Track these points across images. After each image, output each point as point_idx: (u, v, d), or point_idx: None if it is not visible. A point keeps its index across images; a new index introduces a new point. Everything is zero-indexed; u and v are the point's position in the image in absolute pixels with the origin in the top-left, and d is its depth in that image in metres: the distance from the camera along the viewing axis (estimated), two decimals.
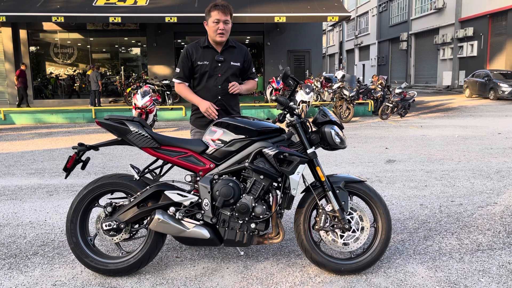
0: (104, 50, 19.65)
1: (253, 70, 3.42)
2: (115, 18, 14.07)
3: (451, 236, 3.42)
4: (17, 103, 16.33)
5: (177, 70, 3.25)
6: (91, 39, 18.84)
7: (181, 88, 3.24)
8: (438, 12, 29.62)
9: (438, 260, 2.98)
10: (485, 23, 24.65)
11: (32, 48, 18.56)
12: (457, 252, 3.11)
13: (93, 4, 14.82)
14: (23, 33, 17.88)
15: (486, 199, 4.37)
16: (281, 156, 2.62)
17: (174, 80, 3.32)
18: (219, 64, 3.18)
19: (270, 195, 2.74)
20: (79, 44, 18.90)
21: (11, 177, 5.74)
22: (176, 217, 2.68)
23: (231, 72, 3.20)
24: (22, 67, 16.34)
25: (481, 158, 6.49)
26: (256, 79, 3.48)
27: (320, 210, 2.78)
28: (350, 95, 12.06)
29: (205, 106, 3.09)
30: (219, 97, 3.18)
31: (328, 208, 2.76)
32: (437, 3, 28.97)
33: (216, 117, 3.08)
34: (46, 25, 17.88)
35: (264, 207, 2.65)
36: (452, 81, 27.84)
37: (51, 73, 18.94)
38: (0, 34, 17.64)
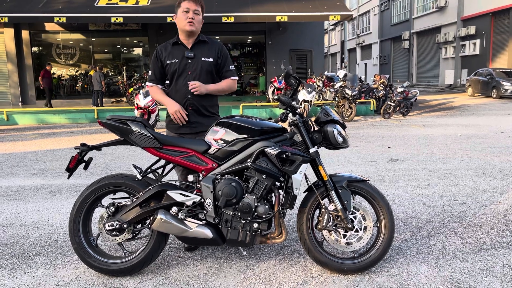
0: (106, 50, 19.68)
1: (231, 67, 3.14)
2: (117, 19, 14.08)
3: (454, 235, 3.41)
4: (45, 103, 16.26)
5: (149, 72, 3.15)
6: (93, 39, 18.87)
7: (153, 91, 3.11)
8: (440, 10, 29.54)
9: (442, 259, 2.97)
10: (487, 22, 24.58)
11: (35, 49, 18.61)
12: (460, 251, 3.10)
13: (95, 5, 14.84)
14: (25, 34, 17.91)
15: (489, 198, 4.36)
16: (284, 156, 2.62)
17: (147, 83, 3.21)
18: (189, 61, 3.02)
19: (273, 194, 2.74)
20: (81, 45, 18.93)
21: (14, 177, 5.76)
22: (179, 217, 2.68)
23: (203, 69, 3.02)
24: (47, 67, 16.28)
25: (484, 157, 6.47)
26: (234, 78, 3.15)
27: (323, 210, 2.77)
28: (352, 94, 12.04)
29: (173, 109, 2.95)
30: (189, 96, 3.00)
31: (331, 207, 2.76)
32: (439, 1, 28.89)
33: (184, 122, 2.98)
34: (48, 26, 17.92)
35: (267, 206, 2.65)
36: (454, 79, 27.78)
37: (53, 73, 18.97)
38: (2, 35, 17.68)
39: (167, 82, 3.15)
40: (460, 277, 2.71)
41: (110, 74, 19.47)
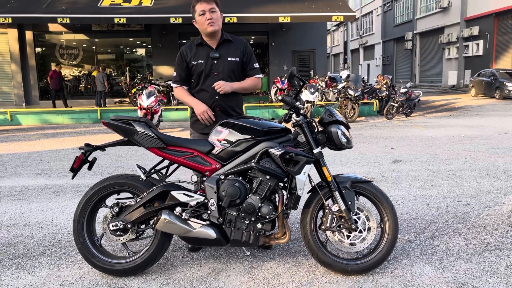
0: (109, 51, 19.74)
1: (255, 65, 3.13)
2: (120, 19, 14.12)
3: (458, 236, 3.40)
4: (54, 103, 16.19)
5: (174, 73, 3.13)
6: (96, 40, 18.93)
7: (179, 92, 3.11)
8: (443, 11, 29.49)
9: (446, 261, 2.96)
10: (490, 22, 24.51)
11: (38, 49, 18.68)
12: (464, 253, 3.09)
13: (99, 5, 14.88)
14: (29, 35, 17.99)
15: (493, 199, 4.34)
16: (287, 156, 2.62)
17: (171, 84, 3.19)
18: (215, 62, 3.00)
19: (276, 195, 2.73)
20: (84, 45, 18.99)
21: (18, 177, 5.78)
22: (183, 217, 2.68)
23: (229, 69, 3.01)
24: (56, 68, 16.28)
25: (487, 157, 6.45)
26: (258, 76, 3.14)
27: (327, 210, 2.77)
28: (355, 95, 12.03)
29: (201, 110, 2.95)
30: (217, 97, 2.99)
31: (335, 208, 2.75)
32: (442, 2, 28.84)
33: (212, 123, 2.97)
34: (52, 26, 17.99)
35: (270, 207, 2.65)
36: (457, 80, 27.72)
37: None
38: (6, 35, 17.76)
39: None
40: (464, 278, 2.71)
41: (113, 74, 19.52)
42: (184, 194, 2.69)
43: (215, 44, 3.03)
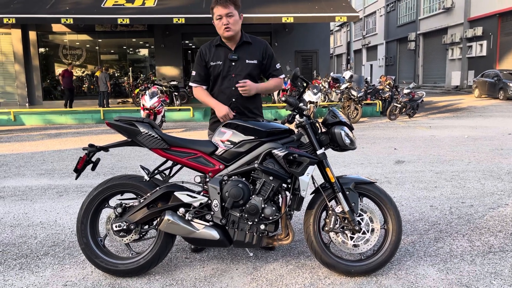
0: (112, 51, 19.77)
1: (277, 66, 3.10)
2: (123, 20, 14.15)
3: (462, 238, 3.39)
4: (67, 103, 16.18)
5: (193, 73, 3.08)
6: (99, 40, 18.97)
7: (198, 92, 3.06)
8: (447, 11, 29.41)
9: (449, 262, 2.95)
10: (494, 23, 24.43)
11: (42, 50, 18.74)
12: (468, 254, 3.08)
13: (102, 6, 14.91)
14: (32, 35, 18.05)
15: (497, 201, 4.33)
16: (291, 157, 2.61)
17: (190, 84, 3.15)
18: (233, 64, 2.98)
19: (280, 196, 2.73)
20: (87, 46, 19.03)
21: (22, 177, 5.79)
22: (186, 218, 2.68)
23: (247, 72, 2.99)
24: (69, 68, 16.26)
25: (491, 159, 6.43)
26: (282, 76, 3.12)
27: (330, 212, 2.76)
28: (358, 96, 12.01)
29: (223, 112, 2.90)
30: (233, 100, 2.98)
31: (338, 209, 2.75)
32: (446, 2, 28.76)
33: None
34: (55, 27, 18.04)
35: (274, 208, 2.65)
36: (461, 81, 27.64)
37: (60, 74, 19.09)
38: (10, 35, 17.83)
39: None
40: (468, 280, 2.70)
41: (116, 75, 19.56)
42: (188, 195, 2.69)
43: (234, 46, 3.01)
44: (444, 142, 8.12)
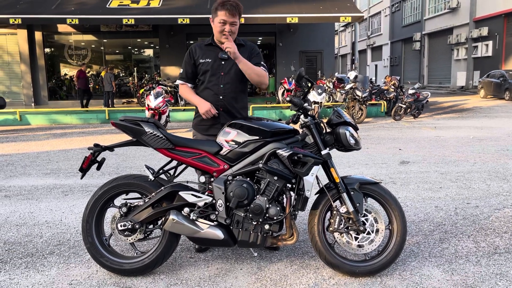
0: (117, 51, 19.85)
1: (262, 63, 3.07)
2: (128, 20, 14.20)
3: (467, 238, 3.37)
4: (84, 103, 16.17)
5: (180, 70, 3.11)
6: (104, 40, 19.04)
7: (183, 89, 3.08)
8: (452, 11, 29.28)
9: (455, 263, 2.94)
10: (500, 23, 24.30)
11: (47, 50, 18.83)
12: (473, 255, 3.06)
13: (107, 6, 14.97)
14: (38, 35, 18.14)
15: (502, 201, 4.30)
16: (295, 157, 2.61)
17: (177, 81, 3.17)
18: (223, 62, 2.99)
19: (284, 196, 2.73)
20: (92, 46, 19.11)
21: (27, 177, 5.83)
22: (191, 217, 2.69)
23: (236, 71, 2.98)
24: (82, 68, 16.31)
25: (497, 159, 6.40)
26: (265, 70, 3.04)
27: (335, 212, 2.76)
28: (363, 96, 11.99)
29: (205, 108, 2.91)
30: (221, 97, 2.99)
31: (343, 209, 2.74)
32: (451, 2, 28.64)
33: (216, 115, 2.95)
34: (61, 27, 18.13)
35: (278, 208, 2.65)
36: (466, 81, 27.50)
37: (65, 74, 19.19)
38: (16, 36, 17.93)
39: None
40: (473, 282, 2.68)
41: (121, 75, 19.62)
42: (192, 194, 2.70)
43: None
44: (449, 143, 8.09)
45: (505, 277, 2.73)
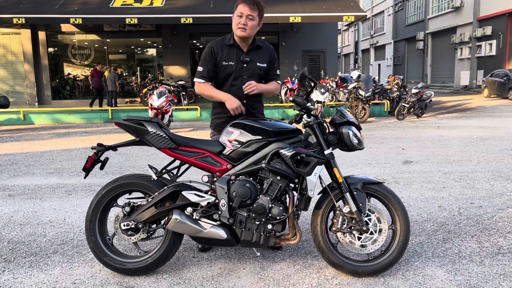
0: (120, 51, 19.88)
1: (277, 72, 3.16)
2: (131, 19, 14.22)
3: (470, 239, 3.36)
4: (96, 102, 16.13)
5: (200, 68, 3.00)
6: (107, 40, 19.08)
7: (205, 87, 2.98)
8: (456, 10, 29.18)
9: (458, 263, 2.93)
10: (504, 22, 24.20)
11: (51, 49, 18.89)
12: (477, 255, 3.05)
13: (110, 6, 15.00)
14: (41, 35, 18.21)
15: (506, 201, 4.29)
16: (298, 157, 2.61)
17: (195, 79, 3.07)
18: (245, 65, 2.99)
19: (287, 196, 2.73)
20: (96, 45, 19.16)
21: (31, 176, 5.85)
22: (193, 217, 2.69)
23: (256, 74, 3.02)
24: (98, 67, 16.29)
25: (500, 159, 6.37)
26: (279, 82, 3.19)
27: (338, 212, 2.76)
28: (366, 95, 11.97)
29: (235, 104, 2.88)
30: (244, 101, 2.97)
31: (346, 209, 2.74)
32: (455, 1, 28.54)
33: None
34: (64, 27, 18.18)
35: (281, 208, 2.65)
36: (470, 81, 27.41)
37: (69, 74, 19.24)
38: (19, 35, 18.00)
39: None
40: (476, 282, 2.68)
41: (124, 74, 19.66)
42: (195, 194, 2.70)
43: (246, 48, 3.02)
44: (452, 142, 8.07)
45: (509, 278, 2.72)
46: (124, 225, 2.75)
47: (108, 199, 2.82)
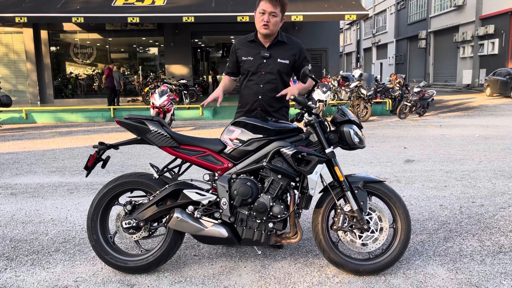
0: (122, 50, 19.89)
1: (310, 67, 2.92)
2: (133, 18, 14.23)
3: (472, 237, 3.36)
4: (110, 101, 16.07)
5: (227, 64, 3.20)
6: (109, 39, 19.09)
7: (222, 81, 3.21)
8: (458, 9, 29.09)
9: (459, 262, 2.93)
10: (506, 20, 24.11)
11: (53, 48, 18.90)
12: (478, 254, 3.05)
13: (112, 5, 15.01)
14: (44, 34, 18.22)
15: (508, 200, 4.28)
16: (299, 156, 2.62)
17: (223, 74, 3.29)
18: (264, 61, 2.96)
19: (288, 194, 2.73)
20: (98, 44, 19.16)
21: (33, 175, 5.87)
22: (195, 215, 2.70)
23: (277, 70, 2.96)
24: (110, 66, 16.15)
25: (502, 158, 6.36)
26: (313, 77, 2.93)
27: (339, 210, 2.76)
28: (368, 94, 11.95)
29: (213, 96, 3.00)
30: (259, 97, 2.97)
31: (347, 208, 2.74)
32: (457, 0, 28.45)
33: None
34: (66, 26, 18.19)
35: (282, 206, 2.65)
36: (472, 79, 27.33)
37: (71, 72, 19.26)
38: (21, 34, 18.02)
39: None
40: (478, 280, 2.68)
41: (126, 73, 19.67)
42: (196, 192, 2.71)
43: (268, 43, 2.99)
44: (454, 141, 8.05)
45: (510, 276, 2.72)
46: (125, 224, 2.76)
47: (109, 198, 2.83)
